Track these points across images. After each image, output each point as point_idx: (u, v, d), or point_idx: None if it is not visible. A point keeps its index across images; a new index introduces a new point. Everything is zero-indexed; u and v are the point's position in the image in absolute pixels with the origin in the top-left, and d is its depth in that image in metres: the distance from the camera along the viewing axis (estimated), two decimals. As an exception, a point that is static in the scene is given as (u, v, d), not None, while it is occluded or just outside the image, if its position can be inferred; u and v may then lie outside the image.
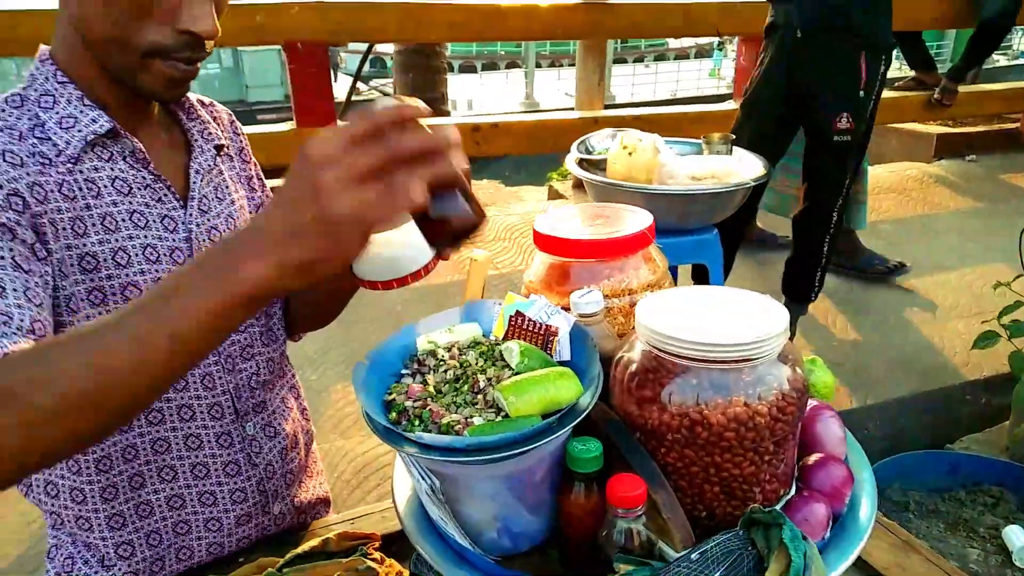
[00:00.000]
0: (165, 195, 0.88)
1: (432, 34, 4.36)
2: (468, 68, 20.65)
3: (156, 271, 0.86)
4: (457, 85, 14.53)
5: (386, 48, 10.86)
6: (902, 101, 4.49)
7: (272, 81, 15.05)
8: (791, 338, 2.58)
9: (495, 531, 0.78)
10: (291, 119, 3.55)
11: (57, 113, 0.81)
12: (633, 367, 0.79)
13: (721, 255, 2.12)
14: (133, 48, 0.78)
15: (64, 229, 0.80)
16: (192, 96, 0.96)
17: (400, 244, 0.64)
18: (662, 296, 0.85)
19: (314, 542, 0.99)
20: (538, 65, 18.19)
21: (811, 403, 0.89)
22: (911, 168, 4.59)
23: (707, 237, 2.05)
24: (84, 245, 0.82)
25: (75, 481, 0.88)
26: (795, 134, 2.44)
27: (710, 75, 21.38)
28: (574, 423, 0.72)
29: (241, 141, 1.04)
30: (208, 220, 0.92)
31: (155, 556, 0.96)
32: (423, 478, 0.75)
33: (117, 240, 0.84)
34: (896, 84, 4.67)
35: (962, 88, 4.51)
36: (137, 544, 0.94)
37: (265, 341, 1.02)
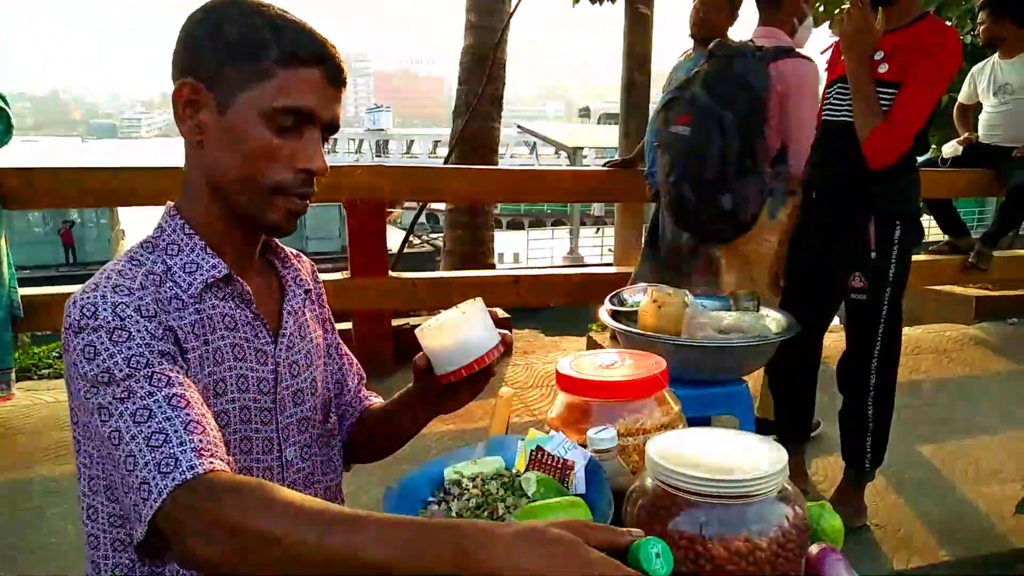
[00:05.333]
0: (261, 331, 0.97)
1: (481, 195, 4.69)
2: (516, 225, 21.48)
3: (244, 399, 0.94)
4: (505, 241, 15.15)
5: (438, 204, 11.51)
6: (937, 265, 4.57)
7: (330, 234, 15.92)
8: (855, 510, 2.46)
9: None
10: (346, 268, 3.78)
11: (182, 259, 0.92)
12: (643, 500, 0.85)
13: (751, 406, 2.16)
14: (260, 186, 0.90)
15: (194, 365, 0.89)
16: (287, 248, 1.10)
17: (470, 329, 0.80)
18: (673, 435, 0.92)
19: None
20: (582, 223, 18.92)
21: (820, 546, 0.93)
22: (950, 329, 4.59)
23: (736, 389, 2.10)
24: (200, 378, 0.90)
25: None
26: (828, 290, 2.46)
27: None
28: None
29: (320, 288, 1.16)
30: (292, 355, 1.01)
31: None
32: (442, 599, 0.80)
33: (219, 372, 0.92)
34: (931, 248, 4.77)
35: (997, 252, 4.59)
36: None
37: (324, 470, 1.09)
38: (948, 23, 5.19)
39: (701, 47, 3.09)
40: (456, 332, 0.92)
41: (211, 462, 0.75)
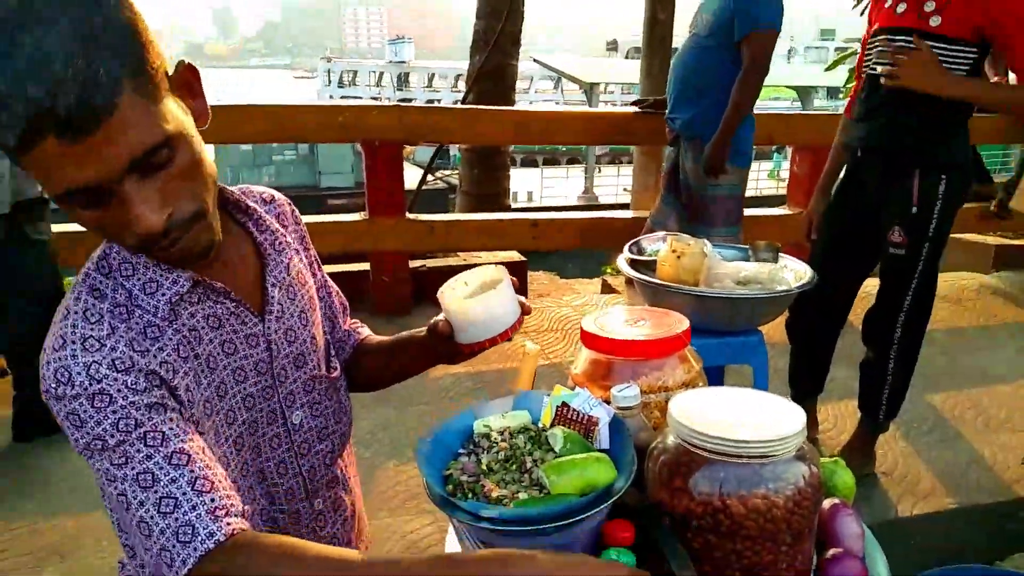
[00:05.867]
0: (247, 317, 0.93)
1: (497, 138, 4.65)
2: (530, 162, 21.28)
3: (243, 389, 0.93)
4: (519, 178, 15.05)
5: (453, 142, 11.41)
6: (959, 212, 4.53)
7: (344, 169, 15.88)
8: (864, 458, 2.50)
9: (535, 601, 0.86)
10: (359, 204, 3.79)
11: (139, 279, 0.84)
12: (665, 458, 0.89)
13: (766, 357, 2.19)
14: (136, 249, 0.79)
15: (189, 386, 0.85)
16: (257, 190, 1.01)
17: (497, 306, 0.82)
18: (694, 394, 0.95)
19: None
20: (597, 161, 18.73)
21: (832, 501, 0.97)
22: (968, 278, 4.57)
23: (751, 339, 2.13)
24: (203, 393, 0.87)
25: None
26: (866, 247, 2.42)
27: (769, 176, 21.59)
28: (609, 502, 0.81)
29: (302, 229, 1.08)
30: (284, 323, 0.97)
31: None
32: (473, 544, 0.85)
33: (216, 376, 0.89)
34: (952, 195, 4.71)
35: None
36: None
37: (337, 418, 1.09)
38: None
39: None
40: (486, 306, 0.94)
41: (228, 523, 0.75)
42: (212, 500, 0.75)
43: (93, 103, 0.65)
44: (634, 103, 3.94)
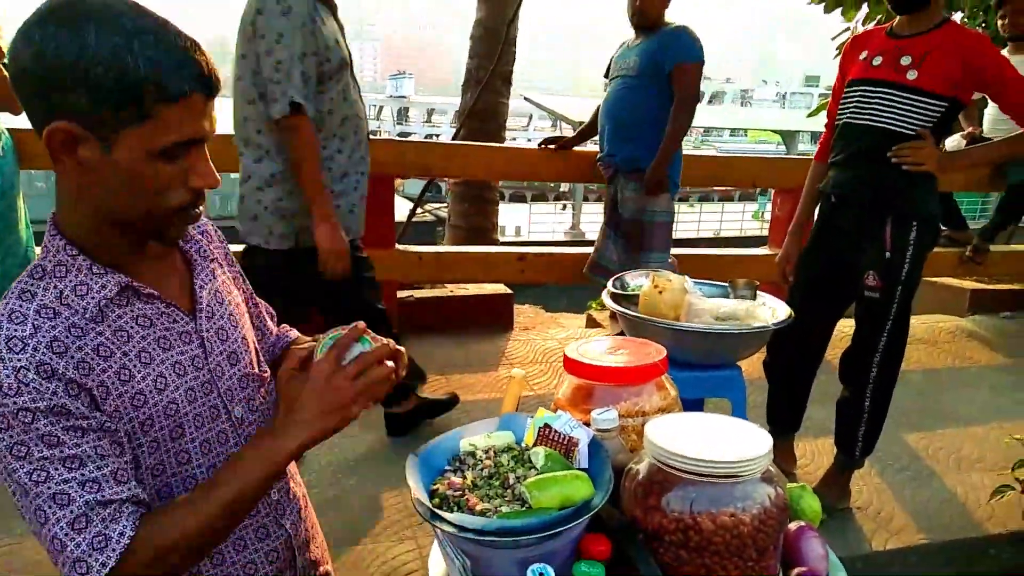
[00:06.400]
0: (178, 316, 0.99)
1: (483, 174, 4.75)
2: (519, 198, 21.47)
3: (184, 383, 0.98)
4: (507, 213, 15.19)
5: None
6: (934, 257, 4.63)
7: (334, 199, 15.95)
8: (840, 493, 2.55)
9: (515, 611, 0.91)
10: (353, 239, 3.85)
11: (71, 281, 0.90)
12: (640, 477, 0.94)
13: (744, 391, 2.25)
14: (161, 215, 0.90)
15: (113, 384, 0.90)
16: None
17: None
18: (670, 419, 1.01)
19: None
20: (585, 198, 18.95)
21: (799, 524, 1.02)
22: (944, 320, 4.68)
23: (730, 373, 2.19)
24: (133, 387, 0.92)
25: None
26: (841, 289, 2.50)
27: (753, 217, 21.89)
28: (587, 517, 0.86)
29: (226, 247, 1.19)
30: (215, 323, 1.04)
31: None
32: (456, 557, 0.90)
33: (153, 369, 0.94)
34: (929, 240, 4.84)
35: (994, 247, 4.67)
36: None
37: (275, 414, 1.12)
38: (958, 15, 5.21)
39: (641, 35, 3.34)
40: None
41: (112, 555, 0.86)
42: (100, 532, 0.86)
43: (219, 79, 0.89)
44: (544, 142, 3.97)
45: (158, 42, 0.83)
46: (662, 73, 3.24)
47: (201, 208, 0.95)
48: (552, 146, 3.92)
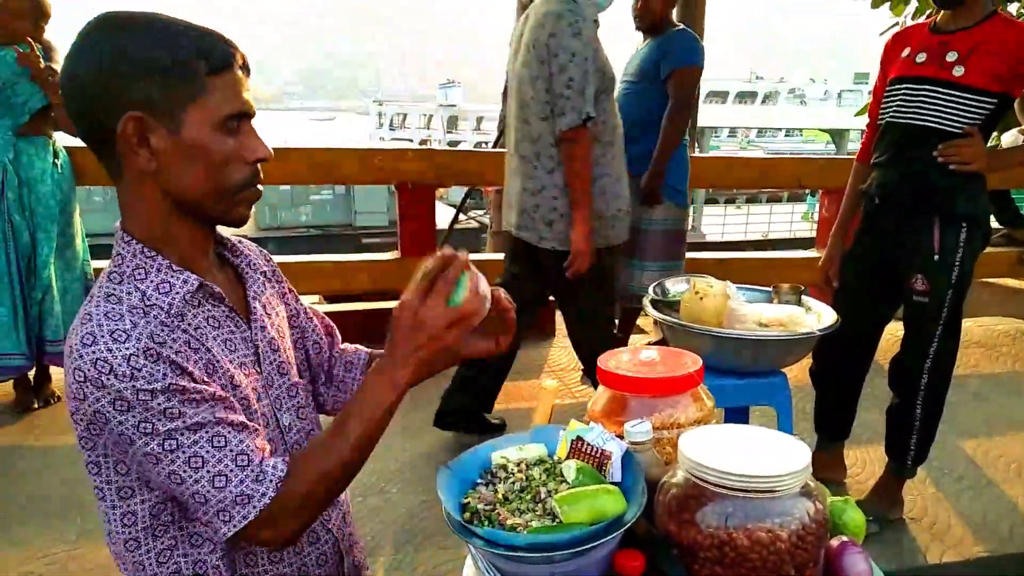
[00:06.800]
0: (239, 322, 1.05)
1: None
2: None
3: (249, 383, 1.03)
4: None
5: (485, 183, 11.58)
6: (991, 257, 4.49)
7: (379, 208, 16.13)
8: (892, 503, 2.48)
9: (547, 627, 0.90)
10: (393, 242, 3.89)
11: (153, 281, 0.96)
12: (674, 491, 0.93)
13: (790, 399, 2.20)
14: (228, 190, 0.97)
15: (209, 371, 0.96)
16: (229, 236, 1.15)
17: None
18: (705, 431, 0.99)
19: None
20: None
21: (841, 539, 0.99)
22: (1002, 323, 4.51)
23: (774, 380, 2.14)
24: (216, 381, 0.97)
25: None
26: (888, 292, 2.44)
27: (803, 218, 21.46)
28: (619, 532, 0.85)
29: (273, 265, 1.24)
30: (267, 334, 1.09)
31: None
32: (487, 571, 0.89)
33: (225, 368, 1.00)
34: (986, 239, 4.68)
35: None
36: None
37: (319, 424, 1.18)
38: (1014, 5, 5.03)
39: (648, 36, 3.36)
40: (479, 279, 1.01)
41: (271, 482, 0.93)
42: (254, 471, 0.92)
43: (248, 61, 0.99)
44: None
45: (194, 28, 0.94)
46: (660, 77, 3.26)
47: (260, 187, 1.01)
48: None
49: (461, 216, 6.48)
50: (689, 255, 4.39)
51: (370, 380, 0.98)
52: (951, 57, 2.16)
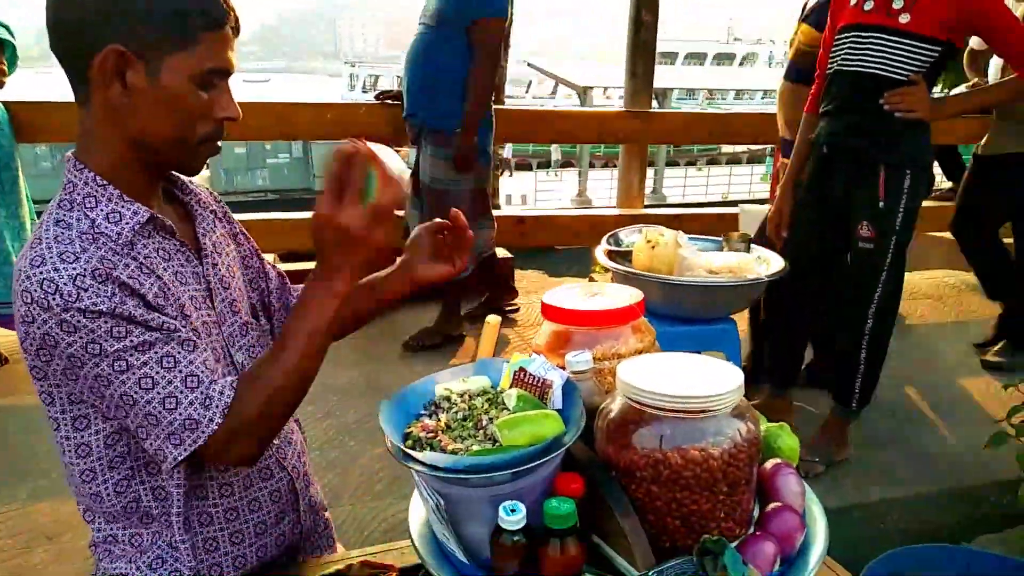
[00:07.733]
0: (189, 256, 1.06)
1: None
2: (524, 166, 21.29)
3: (200, 317, 1.04)
4: (512, 182, 15.09)
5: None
6: (940, 211, 4.60)
7: (337, 170, 15.90)
8: (838, 445, 2.58)
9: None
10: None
11: (103, 210, 0.95)
12: (613, 415, 0.95)
13: (739, 344, 2.25)
14: (191, 141, 0.98)
15: (161, 296, 0.97)
16: (182, 176, 1.15)
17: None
18: (643, 359, 1.01)
19: (339, 566, 1.14)
20: (591, 165, 18.79)
21: (775, 461, 1.03)
22: (949, 276, 4.65)
23: (724, 327, 2.19)
24: (177, 300, 0.99)
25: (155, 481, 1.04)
26: (836, 241, 2.48)
27: (762, 179, 21.68)
28: (558, 453, 0.87)
29: (224, 206, 1.24)
30: (218, 271, 1.10)
31: (213, 561, 1.10)
32: (430, 496, 0.90)
33: (178, 296, 1.00)
34: (935, 194, 4.78)
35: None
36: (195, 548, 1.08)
37: None
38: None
39: None
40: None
41: (218, 405, 0.94)
42: (203, 393, 0.93)
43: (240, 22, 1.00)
44: (377, 95, 3.72)
45: None
46: (461, 26, 2.90)
47: (220, 143, 1.02)
48: (389, 101, 3.65)
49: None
50: (646, 211, 4.44)
51: (308, 292, 0.98)
52: (897, 4, 2.19)
